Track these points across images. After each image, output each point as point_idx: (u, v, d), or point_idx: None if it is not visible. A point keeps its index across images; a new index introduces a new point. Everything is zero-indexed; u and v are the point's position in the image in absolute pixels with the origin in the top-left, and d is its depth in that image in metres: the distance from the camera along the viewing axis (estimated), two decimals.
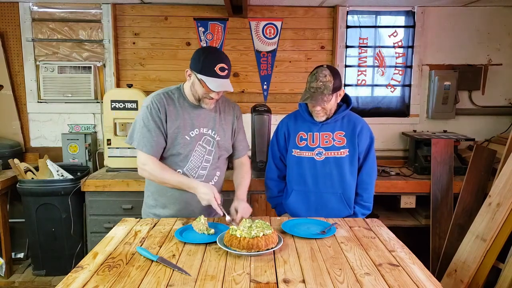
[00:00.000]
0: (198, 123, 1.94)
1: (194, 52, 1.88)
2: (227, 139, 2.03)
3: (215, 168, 2.02)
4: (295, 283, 1.29)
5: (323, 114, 2.03)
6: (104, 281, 1.30)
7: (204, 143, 1.96)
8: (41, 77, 3.39)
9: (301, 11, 3.50)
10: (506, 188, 2.60)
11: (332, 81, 1.95)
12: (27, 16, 3.41)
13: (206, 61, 1.79)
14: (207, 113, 1.96)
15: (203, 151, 1.96)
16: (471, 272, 2.61)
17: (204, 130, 1.96)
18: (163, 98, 1.90)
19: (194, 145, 1.93)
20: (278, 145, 2.20)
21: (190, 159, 1.94)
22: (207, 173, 1.99)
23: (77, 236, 3.04)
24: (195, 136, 1.93)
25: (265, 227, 1.54)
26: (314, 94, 1.95)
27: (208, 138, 1.97)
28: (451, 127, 3.59)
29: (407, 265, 1.44)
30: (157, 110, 1.87)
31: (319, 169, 2.07)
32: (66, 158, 3.40)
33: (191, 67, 1.87)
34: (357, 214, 2.10)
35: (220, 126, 2.00)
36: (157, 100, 1.89)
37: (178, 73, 3.54)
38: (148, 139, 1.88)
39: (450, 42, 3.53)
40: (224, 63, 1.81)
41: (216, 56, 1.82)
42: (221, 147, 2.01)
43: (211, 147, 1.98)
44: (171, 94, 1.94)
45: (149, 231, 1.75)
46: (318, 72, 1.96)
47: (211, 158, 1.98)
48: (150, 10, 3.46)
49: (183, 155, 1.92)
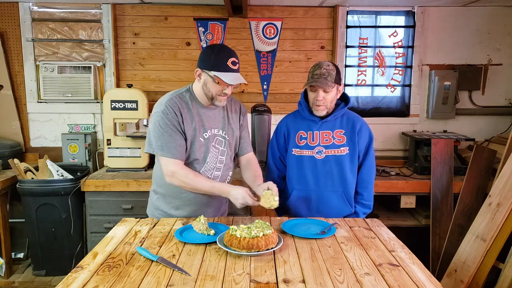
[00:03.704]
0: (209, 124, 1.93)
1: (202, 52, 1.87)
2: (235, 138, 2.04)
3: (228, 169, 2.03)
4: (295, 283, 1.29)
5: (324, 107, 2.02)
6: (104, 281, 1.30)
7: (217, 144, 1.96)
8: (41, 77, 3.39)
9: (301, 11, 3.50)
10: (506, 188, 2.60)
11: (335, 70, 1.99)
12: (27, 16, 3.41)
13: (217, 57, 1.78)
14: (216, 113, 1.96)
15: (217, 152, 1.96)
16: (471, 272, 2.61)
17: (215, 131, 1.95)
18: (176, 102, 1.86)
19: (209, 147, 1.92)
20: (278, 145, 2.20)
21: (207, 161, 1.93)
22: (221, 174, 1.99)
23: (77, 236, 3.04)
24: (208, 138, 1.92)
25: (265, 227, 1.54)
26: (318, 79, 1.96)
27: (219, 138, 1.96)
28: (451, 127, 3.59)
29: (407, 265, 1.43)
30: (173, 114, 1.83)
31: (319, 168, 2.07)
32: (66, 158, 3.40)
33: (200, 66, 1.84)
34: (359, 214, 2.10)
35: (229, 126, 2.00)
36: (171, 104, 1.84)
37: (178, 73, 3.55)
38: (172, 144, 1.83)
39: (450, 42, 3.53)
40: (234, 57, 1.81)
41: (226, 51, 1.82)
42: (231, 147, 2.01)
43: (223, 147, 1.97)
44: (182, 96, 1.90)
45: (149, 231, 1.75)
46: (321, 62, 2.01)
47: (224, 158, 1.98)
48: (150, 10, 3.46)
49: (200, 158, 1.91)
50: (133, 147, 3.18)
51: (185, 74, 3.54)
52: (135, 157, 3.18)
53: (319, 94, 1.98)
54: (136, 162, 3.19)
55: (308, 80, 2.01)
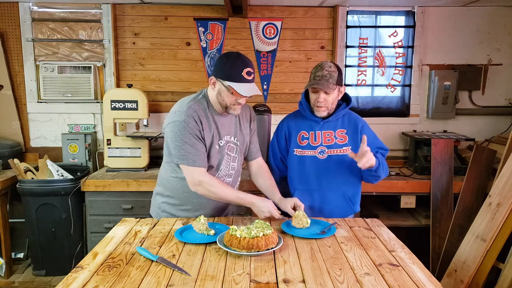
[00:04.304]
0: (223, 131, 1.92)
1: (217, 60, 1.84)
2: (245, 144, 2.03)
3: (238, 175, 2.04)
4: (295, 283, 1.29)
5: (325, 108, 2.02)
6: (104, 281, 1.30)
7: (229, 151, 1.95)
8: (41, 77, 3.38)
9: (301, 11, 3.50)
10: (506, 188, 2.60)
11: (336, 72, 1.97)
12: (27, 16, 3.41)
13: (232, 67, 1.75)
14: (229, 120, 1.95)
15: (229, 159, 1.96)
16: (471, 272, 2.61)
17: (228, 138, 1.94)
18: (196, 110, 1.82)
19: (223, 154, 1.92)
20: (279, 146, 2.19)
21: (220, 168, 1.93)
22: (232, 180, 1.99)
23: (77, 236, 3.04)
24: (223, 145, 1.92)
25: (265, 227, 1.54)
26: (320, 81, 1.95)
27: (231, 145, 1.96)
28: (451, 127, 3.59)
29: (407, 265, 1.44)
30: (194, 123, 1.80)
31: (322, 168, 2.06)
32: (66, 158, 3.40)
33: (215, 75, 1.81)
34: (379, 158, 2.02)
35: (240, 132, 1.99)
36: (191, 113, 1.80)
37: (178, 73, 3.55)
38: (195, 153, 1.80)
39: (450, 42, 3.53)
40: (250, 67, 1.78)
41: (241, 60, 1.78)
42: (242, 152, 2.01)
43: (235, 153, 1.97)
44: (200, 104, 1.86)
45: (149, 231, 1.75)
46: (323, 63, 1.99)
47: (236, 165, 1.98)
48: (150, 10, 3.46)
49: (215, 165, 1.91)
50: (133, 147, 3.18)
51: (185, 74, 3.54)
52: (135, 157, 3.18)
53: (320, 96, 1.98)
54: (136, 162, 3.19)
55: (310, 82, 2.00)
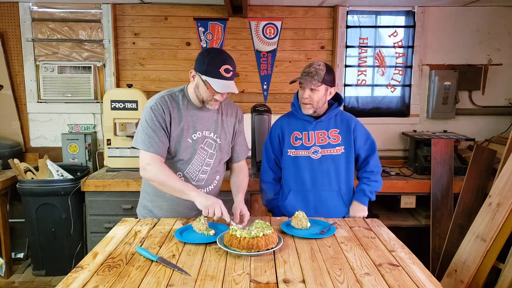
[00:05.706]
0: (200, 125, 1.92)
1: (199, 54, 1.85)
2: (227, 142, 2.02)
3: (215, 172, 2.01)
4: (295, 283, 1.29)
5: (310, 106, 2.02)
6: (104, 281, 1.30)
7: (206, 146, 1.95)
8: (41, 77, 3.39)
9: (301, 11, 3.50)
10: (506, 188, 2.60)
11: (324, 71, 1.97)
12: (27, 16, 3.41)
13: (210, 62, 1.77)
14: (210, 116, 1.95)
15: (205, 155, 1.94)
16: (471, 272, 2.61)
17: (207, 133, 1.94)
18: (167, 100, 1.87)
19: (196, 148, 1.91)
20: (272, 148, 2.18)
21: (192, 162, 1.92)
22: (207, 177, 1.98)
23: (77, 236, 3.04)
24: (197, 139, 1.91)
25: (265, 227, 1.54)
26: (304, 77, 1.98)
27: (210, 141, 1.95)
28: (451, 127, 3.59)
29: (407, 265, 1.43)
30: (161, 111, 1.84)
31: (316, 168, 2.07)
32: (66, 158, 3.40)
33: (195, 68, 1.84)
34: (365, 191, 2.08)
35: (222, 129, 1.98)
36: (161, 102, 1.85)
37: (178, 73, 3.55)
38: (154, 139, 1.83)
39: (450, 42, 3.53)
40: (229, 65, 1.78)
41: (221, 57, 1.79)
42: (223, 151, 2.00)
43: (213, 150, 1.96)
44: (175, 96, 1.91)
45: (149, 231, 1.75)
46: (313, 62, 2.02)
47: (212, 161, 1.97)
48: (150, 10, 3.46)
49: (185, 159, 1.90)
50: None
51: (185, 74, 3.54)
52: (135, 157, 3.18)
53: (305, 92, 1.99)
54: (136, 162, 3.15)
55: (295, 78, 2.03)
